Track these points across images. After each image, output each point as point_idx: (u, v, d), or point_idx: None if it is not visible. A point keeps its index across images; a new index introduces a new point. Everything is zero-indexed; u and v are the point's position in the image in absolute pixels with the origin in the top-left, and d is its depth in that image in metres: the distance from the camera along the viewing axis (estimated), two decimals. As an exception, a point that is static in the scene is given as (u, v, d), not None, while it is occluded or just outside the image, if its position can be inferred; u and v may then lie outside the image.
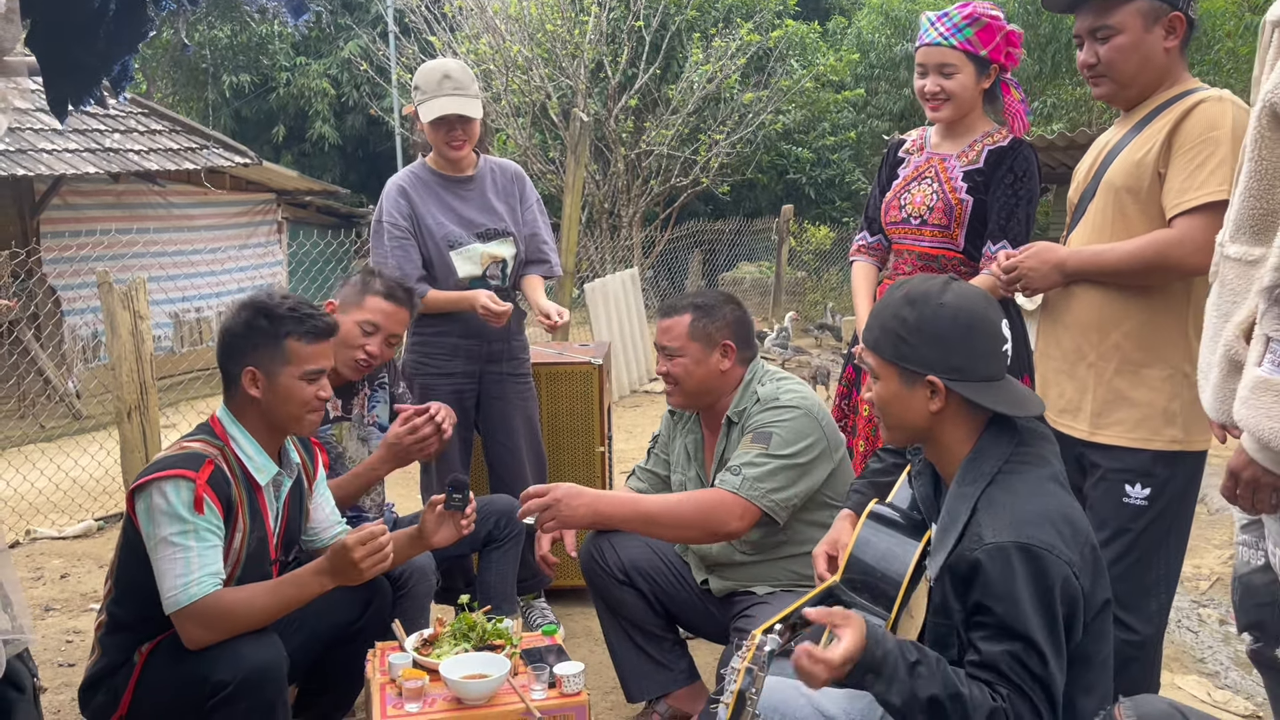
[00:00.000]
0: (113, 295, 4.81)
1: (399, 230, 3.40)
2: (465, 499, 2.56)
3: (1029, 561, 1.69)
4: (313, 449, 2.65)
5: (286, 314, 2.36)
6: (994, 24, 2.81)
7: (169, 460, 2.26)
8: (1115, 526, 2.35)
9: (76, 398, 8.52)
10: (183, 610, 2.17)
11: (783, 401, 2.63)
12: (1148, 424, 2.34)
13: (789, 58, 13.08)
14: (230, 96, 17.65)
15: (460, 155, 3.43)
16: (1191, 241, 2.21)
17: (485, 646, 2.42)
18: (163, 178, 9.94)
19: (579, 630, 3.71)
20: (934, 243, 2.93)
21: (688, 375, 2.69)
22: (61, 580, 4.58)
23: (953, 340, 1.83)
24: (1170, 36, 2.31)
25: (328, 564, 2.30)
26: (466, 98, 3.32)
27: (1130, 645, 2.34)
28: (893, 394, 1.89)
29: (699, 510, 2.52)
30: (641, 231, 12.91)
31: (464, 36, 12.64)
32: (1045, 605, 1.68)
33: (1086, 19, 2.36)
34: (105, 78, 2.32)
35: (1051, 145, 8.53)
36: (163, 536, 2.19)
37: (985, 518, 1.76)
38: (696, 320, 2.68)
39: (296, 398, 2.37)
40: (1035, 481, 1.81)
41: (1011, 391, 1.87)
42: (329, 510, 2.68)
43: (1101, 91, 2.41)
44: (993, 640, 1.70)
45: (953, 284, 1.90)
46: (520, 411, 3.56)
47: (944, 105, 2.87)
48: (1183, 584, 4.09)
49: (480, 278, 3.45)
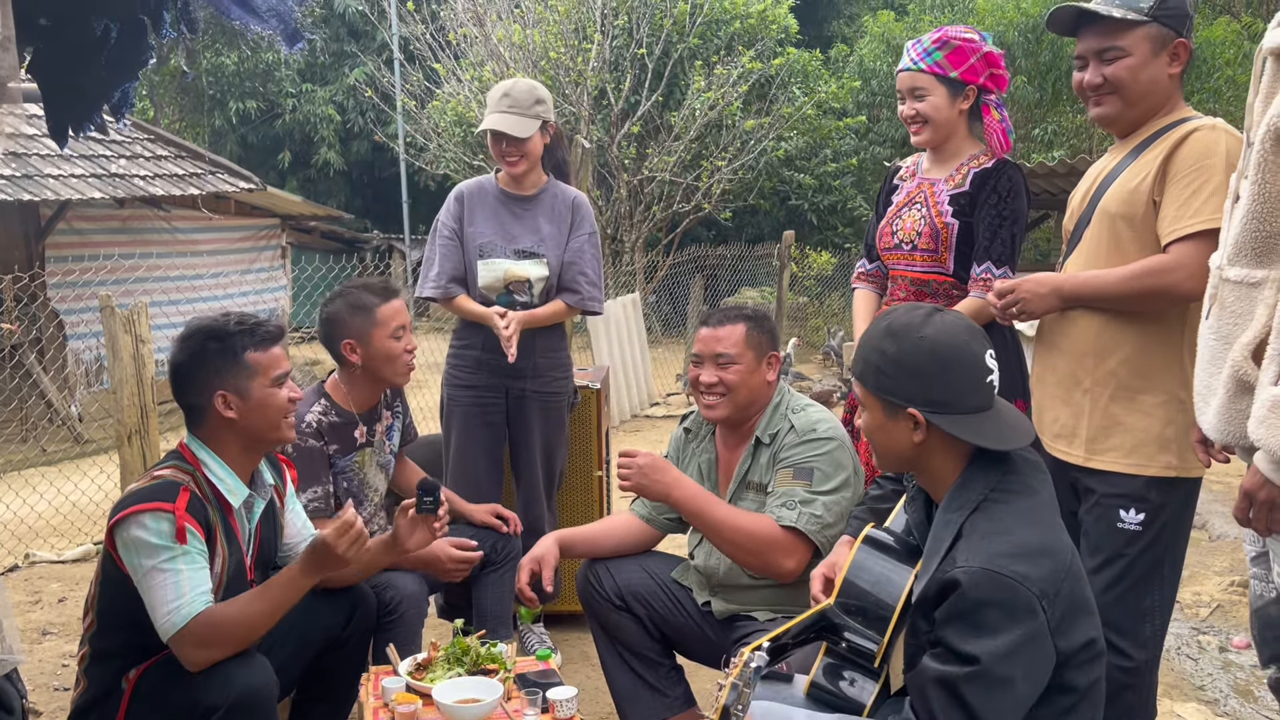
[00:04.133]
0: (115, 319, 4.82)
1: (448, 232, 3.52)
2: (436, 502, 2.55)
3: (995, 589, 1.67)
4: (280, 466, 2.65)
5: (236, 329, 2.37)
6: (965, 46, 2.84)
7: (144, 492, 2.24)
8: (1109, 552, 2.35)
9: (78, 421, 8.53)
10: (179, 633, 2.17)
11: (819, 433, 2.63)
12: (1142, 450, 2.34)
13: (791, 85, 13.16)
14: (236, 122, 17.77)
15: (515, 171, 3.47)
16: (1186, 267, 2.22)
17: (479, 671, 2.42)
18: (168, 203, 10.00)
19: (575, 655, 3.70)
20: (925, 267, 2.95)
21: (742, 383, 2.68)
22: (59, 604, 4.57)
23: (932, 374, 1.83)
24: (1174, 63, 2.33)
25: (308, 556, 2.30)
26: (518, 116, 3.37)
27: (1125, 671, 2.33)
28: (878, 424, 1.90)
29: (761, 543, 2.53)
30: (644, 257, 12.95)
31: (468, 64, 12.74)
32: (1002, 634, 1.65)
33: (1092, 40, 2.36)
34: (106, 104, 2.34)
35: (1052, 172, 8.56)
36: (150, 566, 2.18)
37: (964, 544, 1.75)
38: (751, 329, 2.70)
39: (274, 405, 2.38)
40: (1020, 511, 1.79)
41: (997, 422, 1.86)
42: (300, 524, 2.68)
43: (1103, 111, 2.40)
44: (939, 659, 1.70)
45: (935, 315, 1.89)
46: (538, 429, 3.58)
47: (922, 129, 2.91)
48: (1182, 611, 4.08)
49: (505, 292, 3.49)
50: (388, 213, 19.25)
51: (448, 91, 12.97)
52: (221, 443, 2.38)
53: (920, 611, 1.78)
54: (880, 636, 1.92)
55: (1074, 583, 1.77)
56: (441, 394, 3.62)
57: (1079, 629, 1.76)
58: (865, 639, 1.92)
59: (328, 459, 2.98)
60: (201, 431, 2.39)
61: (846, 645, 1.94)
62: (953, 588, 1.70)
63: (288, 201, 12.15)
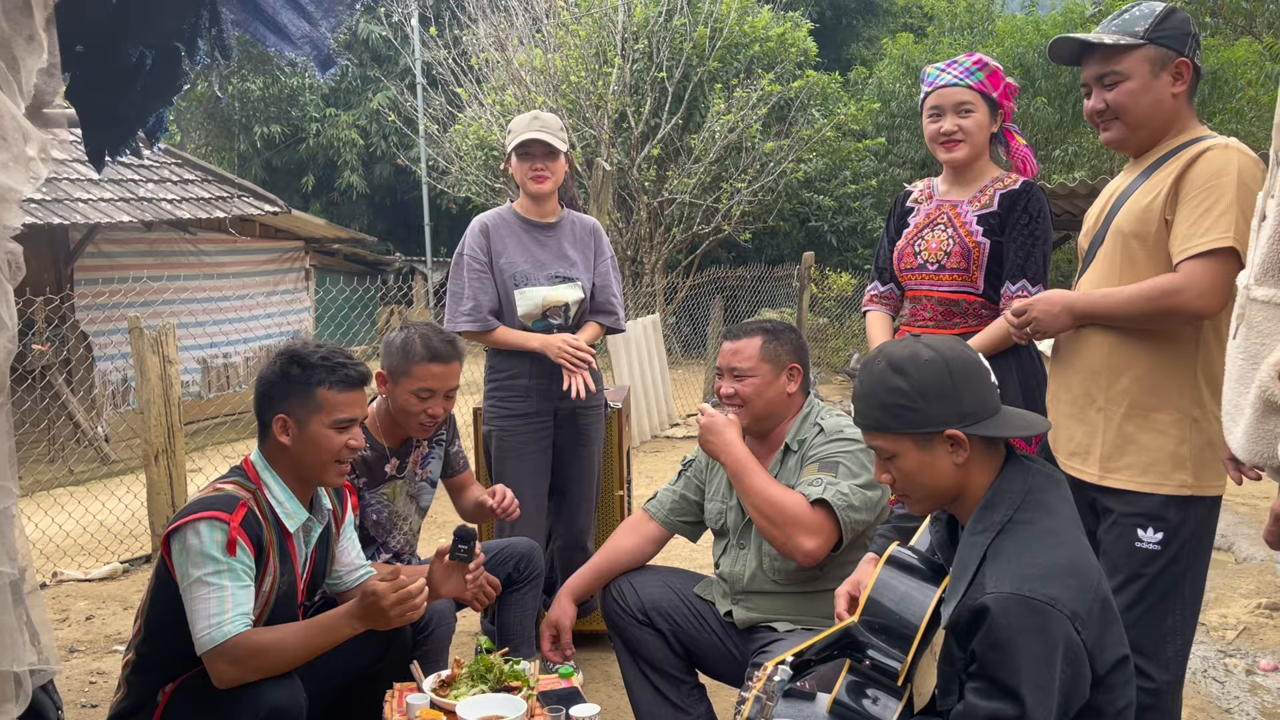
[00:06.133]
0: (143, 340, 4.91)
1: (478, 264, 3.56)
2: (471, 551, 2.58)
3: (1028, 615, 1.67)
4: (343, 492, 2.68)
5: (319, 363, 2.39)
6: (999, 71, 2.97)
7: (204, 502, 2.28)
8: (1128, 572, 2.34)
9: (105, 442, 8.63)
10: (215, 649, 2.19)
11: (847, 434, 2.68)
12: (1157, 468, 2.34)
13: (810, 107, 13.22)
14: (261, 147, 18.00)
15: (542, 189, 3.54)
16: (1196, 286, 2.23)
17: (502, 688, 2.43)
18: (194, 226, 10.12)
19: (597, 675, 3.71)
20: (953, 287, 2.96)
21: (757, 396, 2.72)
22: (86, 622, 4.62)
23: (955, 389, 1.84)
24: (1178, 82, 2.35)
25: (358, 608, 2.31)
26: (551, 135, 3.50)
27: (1148, 693, 2.32)
28: (915, 464, 1.87)
29: (788, 517, 2.54)
30: (664, 278, 12.99)
31: (490, 88, 12.87)
32: (1040, 661, 1.65)
33: (1093, 67, 2.40)
34: (141, 129, 2.39)
35: (1073, 193, 8.55)
36: (197, 577, 2.21)
37: (991, 568, 1.75)
38: (767, 342, 2.73)
39: (325, 446, 2.39)
40: (1045, 532, 1.80)
41: (1017, 416, 1.91)
42: (354, 554, 2.71)
43: (1111, 136, 2.44)
44: (980, 694, 1.69)
45: (921, 339, 1.92)
46: (591, 441, 3.68)
47: (960, 145, 2.93)
48: (1209, 633, 4.04)
49: (542, 318, 3.55)
50: (409, 235, 19.41)
51: (469, 115, 13.09)
52: (279, 465, 2.42)
53: (954, 639, 1.78)
54: (904, 655, 1.93)
55: (1103, 601, 1.77)
56: (485, 430, 3.62)
57: (1111, 648, 1.76)
58: (889, 657, 1.92)
59: (356, 492, 2.99)
60: (265, 449, 2.44)
61: (870, 663, 1.95)
62: (983, 615, 1.70)
63: (311, 224, 12.27)
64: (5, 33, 1.22)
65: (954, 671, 1.80)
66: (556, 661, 2.81)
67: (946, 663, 1.82)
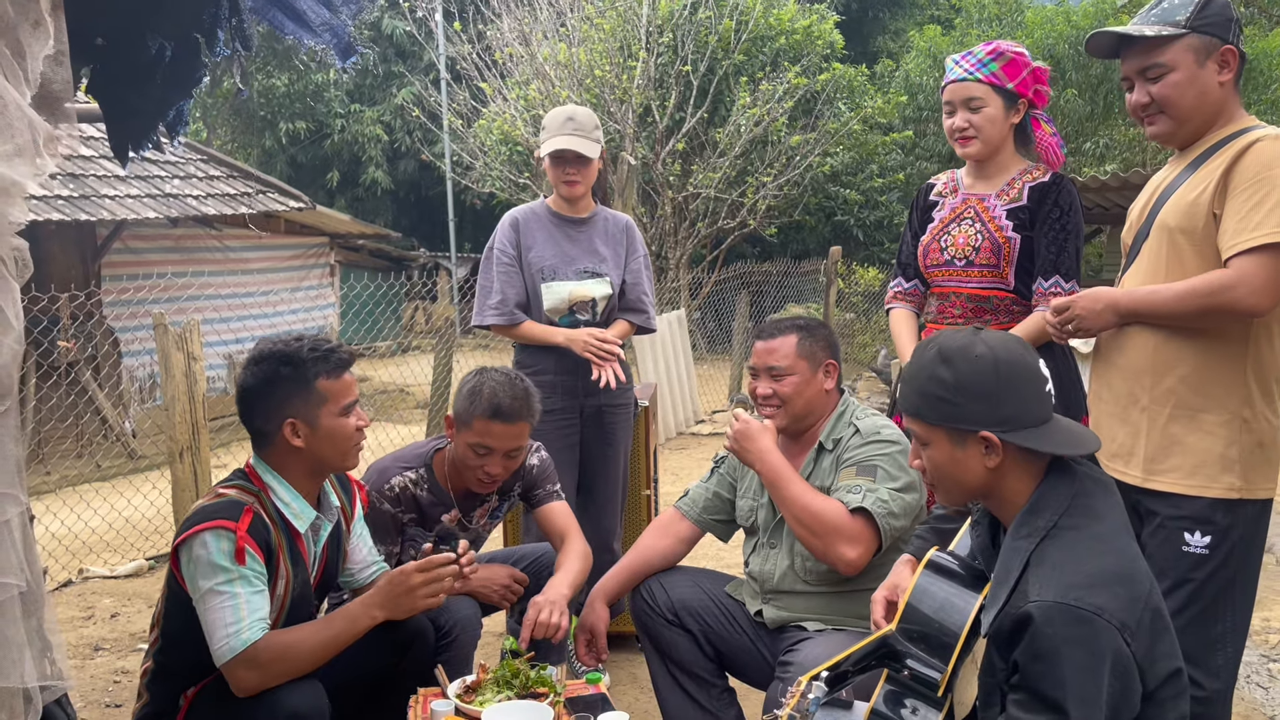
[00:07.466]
0: (168, 336, 4.89)
1: (506, 258, 3.54)
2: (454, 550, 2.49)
3: (1073, 625, 1.60)
4: (351, 488, 2.64)
5: (309, 356, 2.32)
6: (1018, 59, 2.84)
7: (208, 511, 2.23)
8: (1175, 577, 2.26)
9: (132, 437, 8.67)
10: (235, 658, 2.15)
11: (884, 436, 2.61)
12: (1204, 470, 2.26)
13: (836, 100, 13.11)
14: (286, 143, 18.07)
15: (574, 193, 3.53)
16: (1248, 283, 2.14)
17: (528, 694, 2.38)
18: (219, 222, 10.16)
19: (624, 677, 3.66)
20: (983, 283, 2.89)
21: (797, 394, 2.65)
22: (112, 619, 4.62)
23: (998, 391, 1.76)
24: (1224, 71, 2.26)
25: (379, 595, 2.28)
26: (583, 139, 3.46)
27: (1198, 702, 2.23)
28: (946, 457, 1.82)
29: (828, 526, 2.48)
30: (689, 273, 12.93)
31: (514, 83, 12.85)
32: (1086, 673, 1.59)
33: (1134, 60, 2.31)
34: (161, 122, 2.36)
35: (1105, 186, 8.42)
36: (208, 588, 2.16)
37: (1035, 574, 1.68)
38: (803, 340, 2.68)
39: (341, 434, 2.35)
40: (1091, 538, 1.72)
41: (1065, 431, 1.81)
42: (366, 550, 2.67)
43: (1157, 130, 2.35)
44: (1022, 707, 1.62)
45: (981, 333, 1.84)
46: (618, 440, 3.64)
47: (972, 141, 2.86)
48: (1252, 638, 3.94)
49: (568, 313, 3.52)
50: (434, 231, 19.46)
51: (494, 110, 13.08)
52: (287, 467, 2.36)
53: (995, 649, 1.71)
54: (944, 665, 1.86)
55: (1155, 611, 1.69)
56: None
57: (1163, 660, 1.68)
58: (928, 667, 1.86)
59: (400, 526, 2.92)
60: (267, 455, 2.36)
61: (909, 673, 1.88)
62: (1026, 624, 1.63)
63: (336, 220, 12.30)
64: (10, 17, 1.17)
65: (995, 683, 1.73)
66: (591, 665, 2.75)
67: (988, 674, 1.76)
